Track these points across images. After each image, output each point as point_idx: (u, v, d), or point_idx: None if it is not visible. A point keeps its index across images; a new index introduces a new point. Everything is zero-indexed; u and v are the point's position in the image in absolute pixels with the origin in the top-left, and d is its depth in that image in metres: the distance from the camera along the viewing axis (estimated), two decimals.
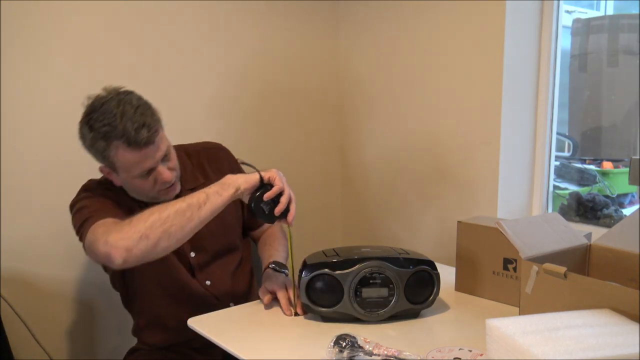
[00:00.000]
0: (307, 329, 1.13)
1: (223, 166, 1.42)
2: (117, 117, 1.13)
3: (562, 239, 1.07)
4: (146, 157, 1.17)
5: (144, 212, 1.09)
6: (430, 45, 1.84)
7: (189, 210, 1.09)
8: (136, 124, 1.14)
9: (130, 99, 1.17)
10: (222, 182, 1.14)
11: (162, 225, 1.07)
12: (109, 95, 1.17)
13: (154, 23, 1.73)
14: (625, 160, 2.17)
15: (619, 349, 0.72)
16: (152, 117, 1.18)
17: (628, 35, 2.16)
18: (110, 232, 1.08)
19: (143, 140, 1.14)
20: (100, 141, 1.15)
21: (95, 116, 1.15)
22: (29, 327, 1.55)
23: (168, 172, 1.22)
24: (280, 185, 1.15)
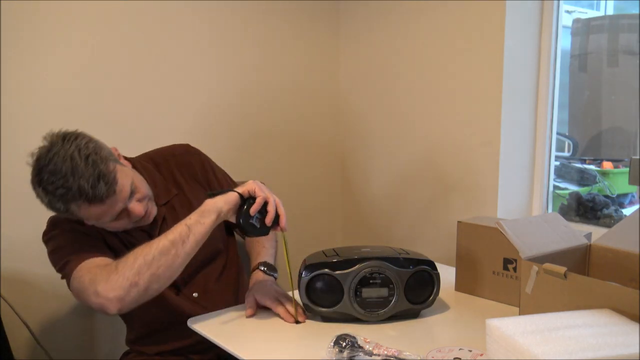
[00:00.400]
0: (307, 329, 1.13)
1: (195, 172, 1.35)
2: (69, 175, 1.06)
3: (562, 239, 1.07)
4: (110, 207, 1.11)
5: (128, 257, 1.06)
6: (430, 45, 1.84)
7: (173, 248, 1.06)
8: (91, 179, 1.06)
9: (77, 147, 1.09)
10: (202, 209, 1.10)
11: (149, 269, 1.04)
12: (54, 149, 1.08)
13: (153, 24, 1.73)
14: (625, 160, 2.17)
15: (619, 349, 0.72)
16: (105, 164, 1.09)
17: (628, 35, 2.15)
18: (97, 282, 1.05)
19: (103, 195, 1.08)
20: (59, 203, 1.09)
21: (45, 177, 1.07)
22: (29, 327, 1.55)
23: (138, 206, 1.16)
24: (262, 196, 1.10)
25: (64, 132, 1.13)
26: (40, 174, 1.08)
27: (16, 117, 1.53)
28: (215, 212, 1.09)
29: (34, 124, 1.56)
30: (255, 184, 1.12)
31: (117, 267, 1.06)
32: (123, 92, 1.71)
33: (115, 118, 1.69)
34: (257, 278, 1.29)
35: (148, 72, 1.74)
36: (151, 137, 1.75)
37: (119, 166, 1.14)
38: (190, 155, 1.37)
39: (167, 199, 1.28)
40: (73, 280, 1.11)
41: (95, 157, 1.09)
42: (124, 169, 1.15)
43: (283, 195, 2.10)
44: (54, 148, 1.08)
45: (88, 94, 1.64)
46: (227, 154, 1.94)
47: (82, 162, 1.07)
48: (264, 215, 1.11)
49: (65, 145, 1.09)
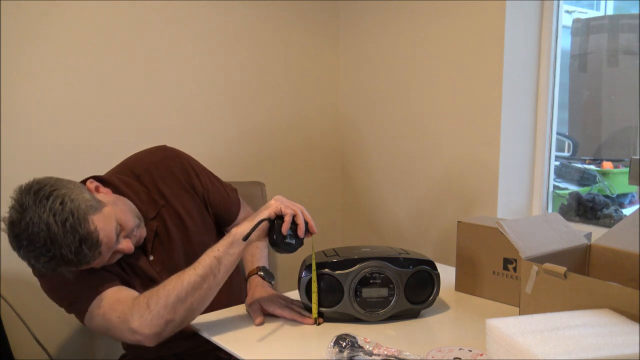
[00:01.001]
0: (307, 329, 1.13)
1: (177, 177, 1.27)
2: (49, 245, 0.99)
3: (562, 239, 1.06)
4: (98, 263, 1.08)
5: (159, 293, 1.03)
6: (430, 45, 1.84)
7: (205, 282, 1.04)
8: (73, 247, 1.00)
9: (52, 210, 1.00)
10: (230, 240, 1.06)
11: (183, 304, 1.03)
12: (26, 215, 0.99)
13: (153, 24, 1.73)
14: (625, 160, 2.17)
15: (619, 349, 0.72)
16: (84, 225, 1.01)
17: (628, 35, 2.15)
18: (130, 320, 1.03)
19: (88, 259, 1.03)
20: (45, 267, 1.03)
21: (24, 244, 1.00)
22: (29, 327, 1.54)
23: (127, 242, 1.11)
24: (290, 213, 1.06)
25: (34, 188, 1.02)
26: (18, 241, 1.01)
27: (16, 117, 1.53)
28: (243, 242, 1.06)
29: (34, 124, 1.56)
30: (278, 202, 1.08)
31: (148, 305, 1.03)
32: (123, 91, 1.71)
33: (115, 118, 1.69)
34: (257, 284, 1.26)
35: (147, 72, 1.74)
36: (151, 136, 1.75)
37: (97, 216, 1.05)
38: (170, 160, 1.28)
39: (156, 211, 1.23)
40: (92, 317, 1.08)
41: (73, 220, 1.00)
42: (104, 212, 1.07)
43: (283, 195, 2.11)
44: (26, 214, 0.99)
45: (88, 93, 1.64)
46: (226, 155, 1.94)
47: (60, 229, 0.99)
48: (294, 228, 1.08)
49: (39, 210, 0.99)
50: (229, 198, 1.36)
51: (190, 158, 1.32)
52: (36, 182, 1.05)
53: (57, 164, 1.59)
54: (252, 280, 1.28)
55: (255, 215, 1.08)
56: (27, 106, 1.55)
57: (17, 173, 1.53)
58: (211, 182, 1.33)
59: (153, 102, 1.76)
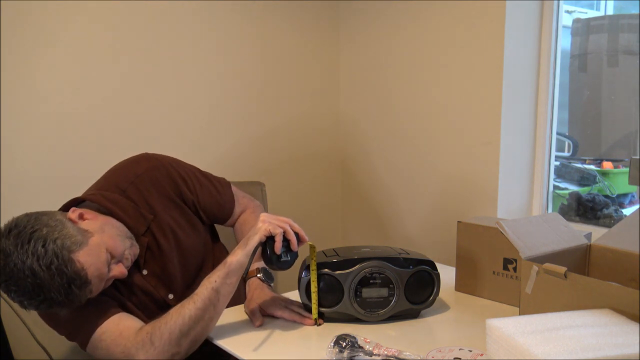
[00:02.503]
0: (307, 329, 1.13)
1: (164, 188, 1.23)
2: (37, 290, 0.97)
3: (562, 239, 1.07)
4: (93, 294, 1.06)
5: (162, 329, 1.03)
6: (430, 45, 1.84)
7: (206, 314, 1.04)
8: (62, 289, 0.98)
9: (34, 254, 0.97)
10: (226, 270, 1.05)
11: (187, 337, 1.03)
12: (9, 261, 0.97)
13: (153, 24, 1.73)
14: (625, 160, 2.17)
15: (619, 349, 0.72)
16: (71, 266, 0.99)
17: (628, 35, 2.16)
18: (134, 354, 1.03)
19: (79, 298, 1.02)
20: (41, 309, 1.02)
21: (13, 290, 0.98)
22: (29, 327, 1.54)
23: (119, 267, 1.10)
24: (279, 232, 1.07)
25: (13, 232, 0.99)
26: (7, 286, 0.98)
27: (16, 118, 1.53)
28: (240, 269, 1.06)
29: (34, 124, 1.56)
30: (265, 223, 1.07)
31: (152, 342, 1.03)
32: (122, 92, 1.71)
33: (115, 117, 1.69)
34: (256, 286, 1.25)
35: (148, 72, 1.74)
36: (150, 137, 1.76)
37: (83, 251, 1.02)
38: (154, 170, 1.23)
39: (146, 226, 1.20)
40: (95, 349, 1.08)
41: (58, 262, 0.98)
42: (91, 244, 1.04)
43: (283, 195, 2.11)
44: (9, 260, 0.97)
45: (88, 93, 1.64)
46: (226, 155, 1.94)
47: (46, 273, 0.96)
48: (286, 245, 1.09)
49: (22, 256, 0.96)
50: (220, 196, 1.33)
51: (175, 163, 1.28)
52: (14, 224, 1.01)
53: (57, 164, 1.59)
54: (251, 282, 1.26)
55: (247, 242, 1.07)
56: (27, 106, 1.55)
57: (17, 173, 1.54)
58: (200, 185, 1.29)
59: (153, 103, 1.76)
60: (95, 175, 1.60)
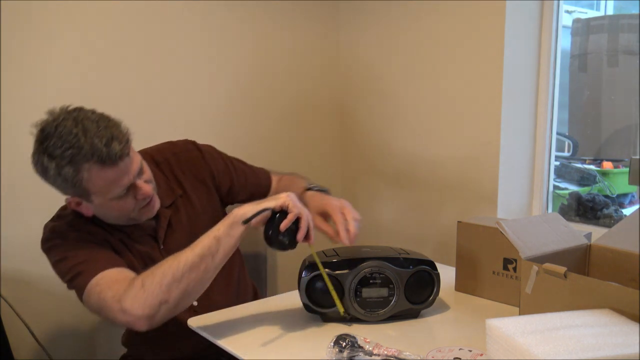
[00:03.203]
0: (307, 329, 1.13)
1: (197, 171, 1.28)
2: (80, 135, 1.00)
3: (562, 239, 1.06)
4: (123, 173, 1.05)
5: (155, 273, 1.01)
6: (430, 45, 1.84)
7: (202, 263, 1.00)
8: (104, 139, 1.01)
9: (86, 114, 1.04)
10: (230, 221, 1.03)
11: (178, 285, 0.99)
12: (60, 116, 1.03)
13: (153, 24, 1.73)
14: (625, 160, 2.17)
15: (619, 349, 0.72)
16: (117, 128, 1.05)
17: (628, 35, 2.16)
18: (123, 299, 0.99)
19: (117, 154, 1.02)
20: (67, 167, 1.01)
21: (52, 142, 1.01)
22: (29, 327, 1.54)
23: (147, 185, 1.11)
24: (295, 212, 1.03)
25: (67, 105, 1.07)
26: (46, 141, 1.01)
27: (16, 117, 1.53)
28: (242, 224, 1.03)
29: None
30: (289, 198, 1.04)
31: (143, 284, 1.00)
32: (122, 91, 1.71)
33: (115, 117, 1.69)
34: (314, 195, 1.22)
35: (148, 72, 1.74)
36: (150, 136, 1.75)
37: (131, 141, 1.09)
38: (190, 153, 1.30)
39: (172, 200, 1.23)
40: (90, 295, 1.05)
41: (107, 122, 1.05)
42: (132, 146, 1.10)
43: None
44: (61, 116, 1.03)
45: (88, 93, 1.64)
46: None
47: (94, 124, 1.02)
48: (293, 229, 1.04)
49: (73, 114, 1.04)
50: (256, 177, 1.36)
51: (212, 153, 1.33)
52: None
53: None
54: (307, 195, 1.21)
55: (262, 202, 1.05)
56: (27, 106, 1.55)
57: (17, 173, 1.54)
58: (234, 167, 1.34)
59: (153, 103, 1.76)
60: None
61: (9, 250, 1.54)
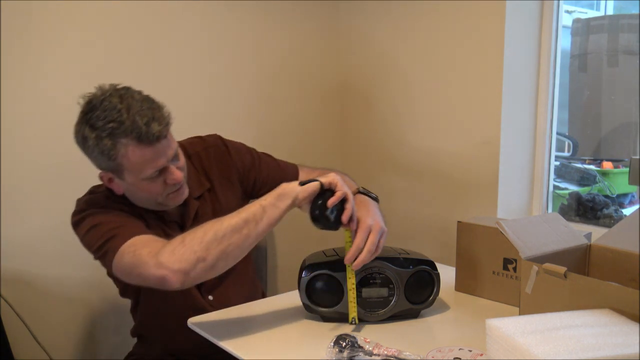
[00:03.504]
0: (307, 329, 1.13)
1: (226, 168, 1.31)
2: (123, 112, 1.04)
3: (562, 239, 1.06)
4: (158, 154, 1.07)
5: (197, 231, 1.01)
6: (430, 45, 1.84)
7: (245, 227, 1.00)
8: (145, 118, 1.04)
9: (132, 93, 1.09)
10: (278, 192, 1.04)
11: (218, 245, 0.98)
12: (108, 92, 1.08)
13: (153, 23, 1.73)
14: (625, 160, 2.17)
15: (619, 349, 0.72)
16: (160, 111, 1.09)
17: (628, 35, 2.16)
18: (160, 253, 0.99)
19: (155, 134, 1.05)
20: (106, 140, 1.04)
21: (96, 114, 1.05)
22: (29, 327, 1.55)
23: (178, 171, 1.13)
24: (343, 191, 1.04)
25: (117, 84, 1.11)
26: (91, 112, 1.06)
27: (16, 117, 1.53)
28: (291, 197, 1.04)
29: (34, 124, 1.56)
30: (337, 177, 1.06)
31: (183, 240, 0.99)
32: None
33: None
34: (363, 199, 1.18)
35: (148, 72, 1.74)
36: None
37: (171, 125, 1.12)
38: (218, 148, 1.33)
39: (200, 192, 1.25)
40: (123, 254, 1.04)
41: (151, 103, 1.09)
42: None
43: None
44: (109, 92, 1.07)
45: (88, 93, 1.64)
46: None
47: (138, 103, 1.06)
48: (338, 210, 1.05)
49: (121, 91, 1.08)
50: (281, 171, 1.38)
51: (242, 151, 1.36)
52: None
53: (57, 164, 1.59)
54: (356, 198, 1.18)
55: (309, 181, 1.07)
56: (27, 106, 1.55)
57: (17, 173, 1.54)
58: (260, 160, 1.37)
59: None
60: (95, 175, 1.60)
61: (9, 250, 1.54)
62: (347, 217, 1.06)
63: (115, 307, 1.74)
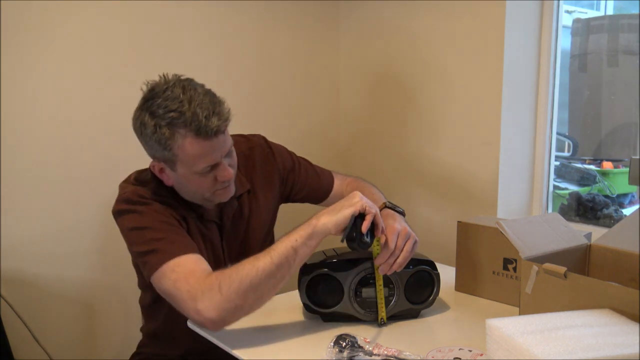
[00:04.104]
0: (307, 329, 1.13)
1: (268, 169, 1.30)
2: (185, 102, 1.03)
3: (562, 239, 1.06)
4: (214, 149, 1.07)
5: (232, 278, 1.00)
6: (430, 45, 1.84)
7: (279, 272, 1.01)
8: (206, 112, 1.04)
9: (195, 85, 1.08)
10: (310, 231, 1.03)
11: (254, 292, 1.00)
12: (172, 81, 1.08)
13: (153, 24, 1.73)
14: (625, 160, 2.17)
15: (619, 349, 0.72)
16: (221, 106, 1.08)
17: (628, 35, 2.16)
18: (198, 299, 0.99)
19: (214, 129, 1.04)
20: (164, 129, 1.04)
21: (158, 102, 1.05)
22: (29, 327, 1.55)
23: (230, 168, 1.12)
24: (373, 212, 1.04)
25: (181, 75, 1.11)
26: (153, 99, 1.06)
27: (16, 118, 1.53)
28: (323, 234, 1.04)
29: (34, 124, 1.56)
30: (362, 201, 1.05)
31: (220, 288, 0.99)
32: (123, 92, 1.70)
33: (115, 118, 1.69)
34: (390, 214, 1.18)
35: (148, 72, 1.73)
36: None
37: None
38: (262, 149, 1.33)
39: (240, 191, 1.24)
40: (163, 278, 1.04)
41: (213, 96, 1.08)
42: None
43: None
44: (172, 81, 1.08)
45: (89, 93, 1.64)
46: None
47: (201, 96, 1.05)
48: (370, 228, 1.05)
49: (184, 82, 1.08)
50: (319, 178, 1.38)
51: (285, 154, 1.36)
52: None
53: (57, 164, 1.59)
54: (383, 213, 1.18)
55: (338, 210, 1.04)
56: (27, 106, 1.55)
57: (17, 173, 1.54)
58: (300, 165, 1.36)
59: None
60: (95, 175, 1.61)
61: (9, 250, 1.54)
62: (379, 232, 1.06)
63: (115, 307, 1.74)
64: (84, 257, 1.67)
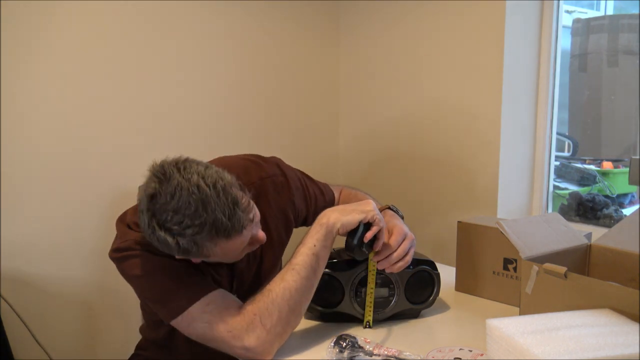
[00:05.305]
0: (307, 329, 1.13)
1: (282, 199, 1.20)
2: (200, 210, 0.88)
3: (562, 239, 1.07)
4: (246, 237, 0.97)
5: (270, 308, 0.98)
6: (431, 45, 1.84)
7: (309, 283, 1.02)
8: (227, 210, 0.90)
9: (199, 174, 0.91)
10: (324, 231, 1.02)
11: (294, 313, 1.00)
12: (172, 181, 0.89)
13: (154, 25, 1.73)
14: (625, 160, 2.17)
15: (619, 349, 0.72)
16: (234, 187, 0.94)
17: (628, 35, 2.16)
18: (244, 337, 0.96)
19: (242, 225, 0.93)
20: (189, 243, 0.91)
21: (168, 217, 0.89)
22: (29, 327, 1.55)
23: (261, 232, 1.02)
24: (380, 226, 1.04)
25: (172, 160, 0.93)
26: (160, 214, 0.89)
27: (16, 118, 1.53)
28: (335, 232, 1.03)
29: (34, 124, 1.56)
30: (375, 211, 1.04)
31: (262, 322, 0.97)
32: (123, 92, 1.70)
33: (116, 118, 1.69)
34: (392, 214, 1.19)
35: (148, 73, 1.74)
36: (150, 137, 1.76)
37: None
38: (276, 178, 1.21)
39: None
40: (194, 322, 0.98)
41: (222, 183, 0.92)
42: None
43: None
44: (172, 180, 0.89)
45: (89, 93, 1.64)
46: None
47: (212, 190, 0.89)
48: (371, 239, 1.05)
49: (185, 174, 0.90)
50: (323, 195, 1.35)
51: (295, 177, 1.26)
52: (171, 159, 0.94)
53: (57, 164, 1.59)
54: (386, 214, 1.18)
55: (349, 211, 1.04)
56: (27, 106, 1.55)
57: (17, 173, 1.54)
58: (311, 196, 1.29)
59: (153, 104, 1.76)
60: (95, 175, 1.61)
61: (9, 250, 1.54)
62: (379, 247, 1.06)
63: (115, 307, 1.74)
64: (84, 257, 1.67)
